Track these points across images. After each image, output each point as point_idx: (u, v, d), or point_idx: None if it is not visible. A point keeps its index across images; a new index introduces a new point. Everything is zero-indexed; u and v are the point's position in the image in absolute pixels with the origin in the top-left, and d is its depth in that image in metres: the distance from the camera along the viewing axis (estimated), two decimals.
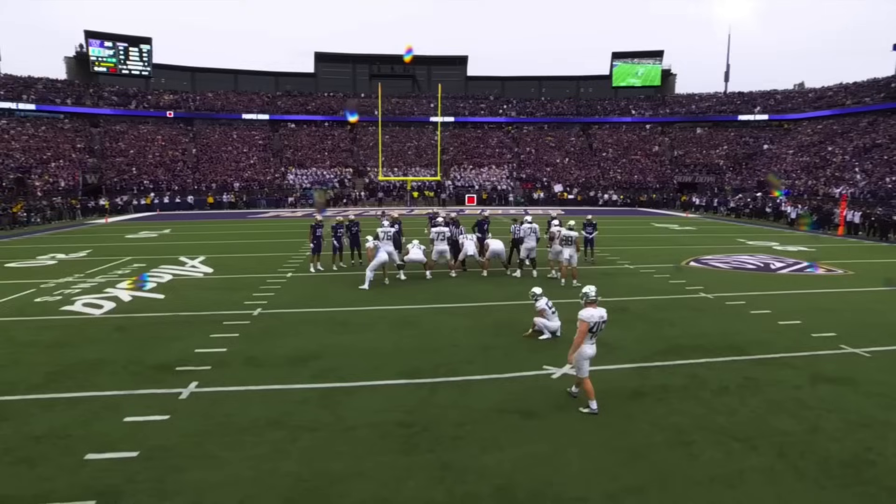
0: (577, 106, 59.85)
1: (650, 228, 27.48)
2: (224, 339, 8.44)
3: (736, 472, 4.77)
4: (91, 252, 18.33)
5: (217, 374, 7.01)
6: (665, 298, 11.47)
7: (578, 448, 5.16)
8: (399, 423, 5.64)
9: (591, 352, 5.97)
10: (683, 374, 7.13)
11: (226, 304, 10.75)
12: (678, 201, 43.64)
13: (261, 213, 37.66)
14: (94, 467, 4.88)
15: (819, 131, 45.86)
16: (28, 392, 6.54)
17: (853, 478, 4.73)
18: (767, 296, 11.73)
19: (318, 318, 9.85)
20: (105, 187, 41.53)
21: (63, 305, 10.83)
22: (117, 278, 13.57)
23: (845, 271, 14.95)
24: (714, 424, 5.67)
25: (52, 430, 5.56)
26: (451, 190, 47.26)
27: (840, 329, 9.12)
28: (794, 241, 22.19)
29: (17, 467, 4.92)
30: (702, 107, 56.35)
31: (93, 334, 8.90)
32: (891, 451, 5.19)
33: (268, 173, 47.15)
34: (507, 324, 9.41)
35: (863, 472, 4.83)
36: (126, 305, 10.84)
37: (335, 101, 57.87)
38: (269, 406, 6.05)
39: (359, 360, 7.55)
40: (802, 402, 6.24)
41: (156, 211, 39.34)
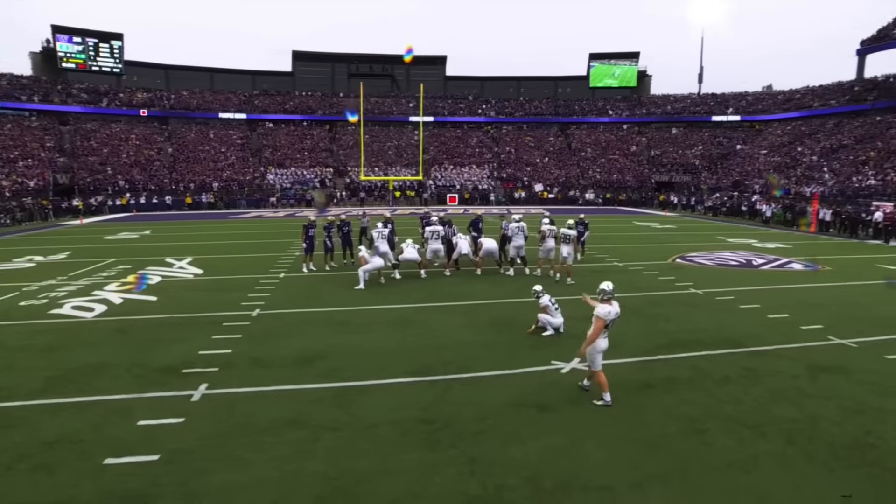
0: (555, 106, 60.50)
1: (632, 227, 27.98)
2: (227, 340, 8.36)
3: (750, 457, 4.96)
4: (71, 254, 17.87)
5: (226, 375, 6.96)
6: (658, 294, 11.73)
7: (597, 439, 5.29)
8: (419, 420, 5.69)
9: (604, 345, 6.12)
10: (686, 366, 7.34)
11: (222, 305, 10.63)
12: (656, 200, 44.49)
13: (242, 214, 37.12)
14: (115, 472, 4.82)
15: (788, 132, 47.31)
16: (30, 398, 6.39)
17: (858, 460, 4.97)
18: (754, 291, 12.11)
19: (318, 318, 9.82)
20: (77, 187, 40.41)
21: (51, 309, 10.57)
22: (104, 280, 13.28)
23: (823, 267, 15.50)
24: (723, 413, 5.86)
25: (63, 436, 5.45)
26: (433, 190, 47.31)
27: (826, 321, 9.49)
28: (771, 238, 22.88)
29: (34, 474, 4.82)
30: (677, 107, 57.57)
31: (88, 338, 8.71)
32: (889, 434, 5.46)
33: (247, 173, 46.51)
34: (508, 321, 9.52)
35: (866, 454, 5.07)
36: (118, 308, 10.63)
37: (313, 101, 57.37)
38: (284, 406, 6.04)
39: (366, 360, 7.56)
40: (802, 391, 6.50)
41: (132, 212, 38.45)
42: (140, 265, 15.29)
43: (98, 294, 11.79)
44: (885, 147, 35.99)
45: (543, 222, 13.85)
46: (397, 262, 13.28)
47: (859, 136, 40.01)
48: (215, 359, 7.54)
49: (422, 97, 45.44)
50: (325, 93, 59.75)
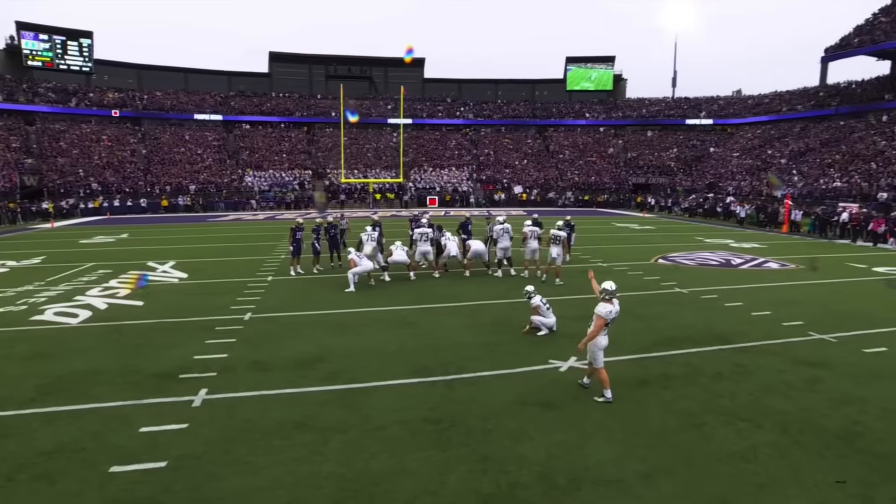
0: (532, 109, 61.12)
1: (612, 228, 28.48)
2: (222, 344, 8.29)
3: (749, 448, 5.18)
4: (46, 259, 17.41)
5: (225, 380, 6.91)
6: (645, 294, 12.02)
7: (603, 435, 5.44)
8: (426, 420, 5.76)
9: (604, 343, 6.29)
10: (680, 363, 7.58)
11: (212, 309, 10.52)
12: (633, 202, 45.32)
13: (220, 216, 36.57)
14: (122, 480, 4.77)
15: (759, 136, 48.72)
16: (22, 407, 6.25)
17: (848, 448, 5.24)
18: (736, 290, 12.49)
19: (313, 320, 9.80)
20: (47, 190, 39.26)
21: (32, 315, 10.30)
22: (85, 285, 12.99)
23: (797, 265, 16.05)
24: (719, 407, 6.09)
25: (62, 445, 5.35)
26: (413, 192, 47.32)
27: (805, 318, 9.88)
28: (746, 238, 23.57)
29: (35, 484, 4.73)
30: (651, 111, 58.75)
31: (75, 344, 8.54)
32: (873, 423, 5.76)
33: (224, 175, 45.80)
34: (502, 321, 9.66)
35: (854, 442, 5.34)
36: (103, 313, 10.42)
37: (291, 102, 56.85)
38: (289, 409, 6.04)
39: (366, 361, 7.59)
40: (790, 385, 6.78)
41: (105, 214, 37.52)
42: (122, 269, 14.99)
43: (81, 299, 11.53)
44: (848, 151, 37.37)
45: (526, 224, 14.03)
46: (386, 264, 13.31)
47: (824, 139, 41.47)
48: (212, 363, 7.48)
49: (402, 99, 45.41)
50: (303, 94, 59.25)
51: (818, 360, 7.67)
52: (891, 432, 5.54)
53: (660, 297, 11.81)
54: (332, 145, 52.72)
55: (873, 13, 43.32)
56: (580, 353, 6.60)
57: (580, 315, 9.95)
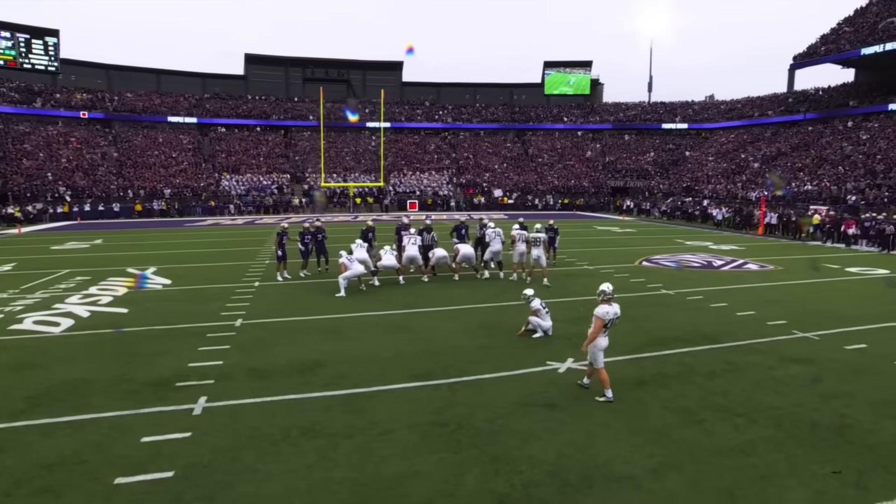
0: (511, 113, 61.73)
1: (594, 231, 28.97)
2: (215, 351, 8.23)
3: (747, 442, 5.41)
4: (17, 265, 16.92)
5: (224, 387, 6.87)
6: (633, 296, 12.30)
7: (609, 433, 5.61)
8: (433, 424, 5.84)
9: (604, 343, 6.47)
10: (673, 362, 7.82)
11: (200, 315, 10.40)
12: (612, 205, 46.10)
13: (198, 221, 36.01)
14: (130, 491, 4.73)
15: (732, 140, 50.11)
16: (14, 419, 6.11)
17: (839, 439, 5.52)
18: (719, 290, 12.89)
19: (306, 326, 9.79)
20: (11, 194, 38.07)
21: (10, 325, 10.04)
22: (63, 293, 12.70)
23: (776, 266, 16.61)
24: (715, 404, 6.32)
25: (63, 457, 5.26)
26: (393, 196, 47.31)
27: (788, 317, 10.28)
28: (724, 240, 24.25)
29: (38, 498, 4.65)
30: (629, 115, 59.90)
31: (61, 354, 8.36)
32: (861, 415, 6.07)
33: (200, 179, 45.06)
34: (495, 325, 9.79)
35: (845, 434, 5.63)
36: (87, 321, 10.22)
37: (268, 105, 56.35)
38: (293, 416, 6.05)
39: (365, 366, 7.64)
40: (779, 381, 7.07)
41: (76, 220, 36.55)
42: (101, 276, 14.69)
43: (60, 307, 11.28)
44: (817, 155, 38.75)
45: (514, 227, 14.29)
46: (376, 268, 13.35)
47: (794, 144, 42.92)
48: (209, 371, 7.43)
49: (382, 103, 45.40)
50: (280, 97, 58.80)
51: (804, 357, 8.01)
52: (878, 424, 5.84)
53: (647, 298, 12.11)
54: (309, 149, 52.39)
55: (838, 23, 45.01)
56: (582, 354, 6.77)
57: (573, 317, 10.20)
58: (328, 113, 56.06)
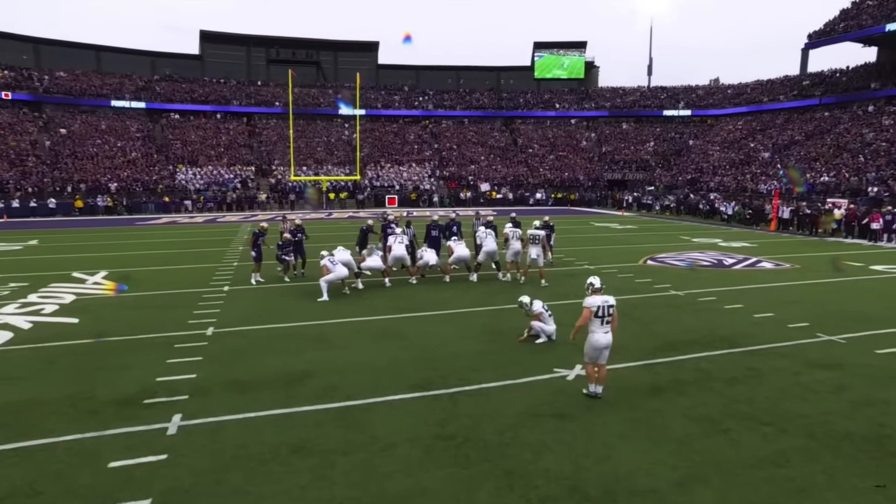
0: (498, 98, 62.07)
1: (592, 228, 29.31)
2: (186, 363, 8.18)
3: (778, 452, 5.58)
4: None
5: (200, 403, 6.83)
6: (640, 297, 12.55)
7: (627, 444, 5.74)
8: (437, 437, 5.91)
9: (604, 341, 6.68)
10: (690, 368, 8.01)
11: (164, 324, 10.30)
12: (610, 199, 46.64)
13: (151, 220, 35.58)
14: None
15: (740, 128, 51.07)
16: None
17: (878, 450, 5.68)
18: (733, 291, 13.19)
19: (287, 333, 9.80)
20: None
21: None
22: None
23: (792, 265, 17.02)
24: (739, 412, 6.50)
25: (14, 489, 5.03)
26: (370, 191, 47.23)
27: (810, 319, 10.57)
28: (734, 237, 24.76)
29: None
30: (626, 101, 60.69)
31: (5, 371, 8.14)
32: None
33: (152, 172, 44.44)
34: (494, 329, 9.91)
35: (884, 445, 5.80)
36: (29, 334, 9.91)
37: (228, 90, 55.85)
38: (282, 432, 6.06)
39: (358, 376, 7.68)
40: (806, 387, 7.29)
41: (2, 217, 35.67)
42: (41, 282, 14.40)
43: None
44: (834, 143, 39.54)
45: (507, 226, 14.47)
46: (359, 270, 13.39)
47: (809, 131, 43.79)
48: (181, 385, 7.38)
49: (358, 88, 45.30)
50: (241, 81, 58.35)
51: (831, 362, 8.24)
52: None
53: (656, 300, 12.35)
54: (276, 139, 52.09)
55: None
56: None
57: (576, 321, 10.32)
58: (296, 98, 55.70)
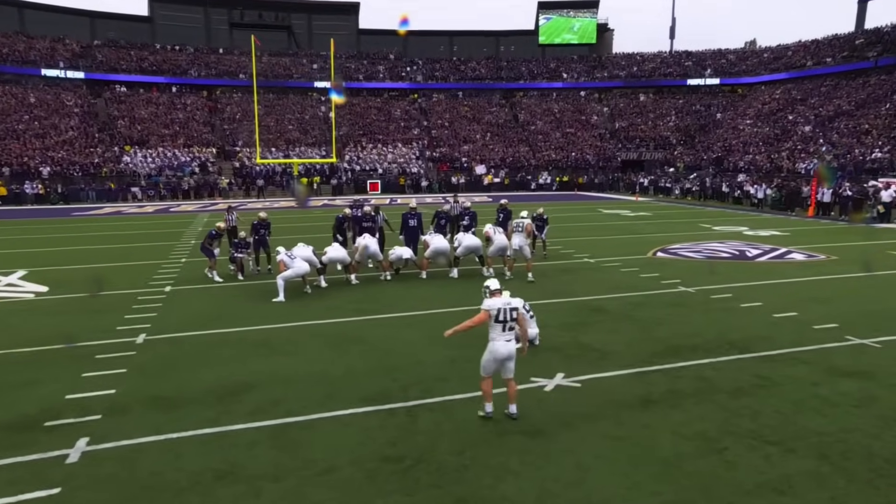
0: (497, 68, 61.93)
1: (599, 216, 29.29)
2: (106, 377, 8.06)
3: (781, 477, 5.49)
4: None
5: (115, 423, 6.70)
6: (642, 294, 12.52)
7: (604, 466, 5.66)
8: (385, 458, 5.84)
9: (505, 350, 6.59)
10: (690, 376, 7.94)
11: (88, 332, 10.17)
12: (623, 182, 46.63)
13: (92, 209, 35.46)
14: None
15: (777, 97, 50.86)
16: None
17: None
18: (753, 287, 13.15)
19: (231, 340, 9.74)
20: None
21: None
22: None
23: (828, 256, 16.99)
24: (741, 429, 6.43)
25: None
26: (350, 175, 47.10)
27: (840, 319, 10.50)
28: (764, 224, 24.75)
29: None
30: (645, 69, 60.56)
31: None
32: None
33: (93, 154, 44.16)
34: (469, 333, 9.67)
35: None
36: None
37: (184, 58, 55.56)
38: (207, 456, 5.97)
39: (306, 388, 7.63)
40: (826, 400, 7.21)
41: None
42: None
43: None
44: (891, 112, 38.87)
45: (487, 226, 14.60)
46: (322, 265, 13.40)
47: (860, 100, 43.35)
48: (94, 403, 7.25)
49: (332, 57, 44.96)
50: (200, 48, 58.08)
51: (860, 370, 8.15)
52: None
53: (661, 297, 12.31)
54: (241, 115, 51.90)
55: None
56: (576, 369, 6.85)
57: (566, 323, 10.32)
58: (265, 69, 55.51)
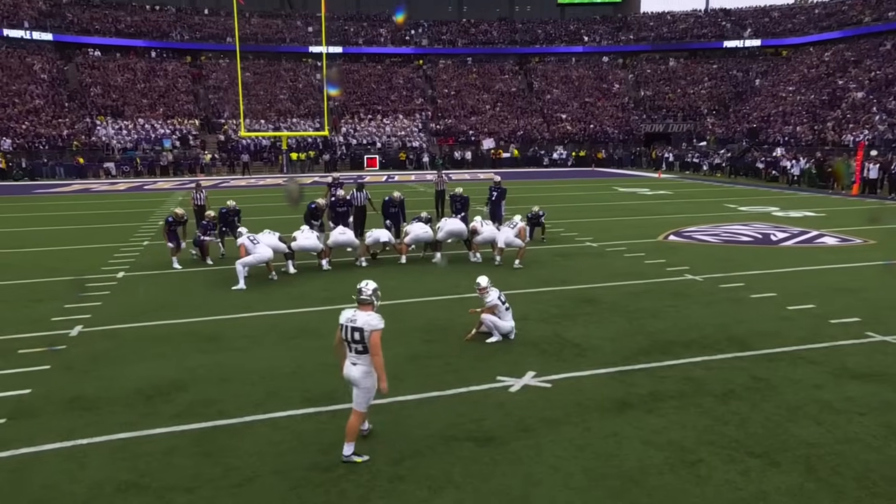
0: (511, 31, 61.28)
1: (614, 194, 29.04)
2: (23, 375, 7.98)
3: (757, 494, 5.29)
4: None
5: (19, 429, 6.57)
6: (642, 283, 12.35)
7: (558, 479, 5.50)
8: (314, 467, 5.73)
9: (345, 372, 5.96)
10: (676, 377, 7.75)
11: (17, 324, 10.16)
12: (647, 158, 46.14)
13: (56, 187, 35.68)
14: None
15: (828, 60, 49.48)
16: None
17: None
18: (770, 275, 12.91)
19: (176, 332, 9.74)
20: None
21: None
22: None
23: (864, 240, 16.65)
24: (723, 438, 6.23)
25: None
26: (344, 150, 46.97)
27: (864, 313, 10.23)
28: (798, 204, 24.41)
29: None
30: (676, 30, 59.67)
31: None
32: None
33: (61, 126, 44.26)
34: (442, 326, 9.81)
35: None
36: None
37: (164, 19, 55.44)
38: (114, 465, 5.87)
39: (246, 387, 7.56)
40: (827, 405, 6.97)
41: None
42: None
43: None
44: None
45: (476, 219, 14.92)
46: (290, 251, 13.43)
47: None
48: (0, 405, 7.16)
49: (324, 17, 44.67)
50: (183, 7, 57.94)
51: (874, 372, 7.90)
52: None
53: (661, 286, 12.15)
54: (228, 83, 51.79)
55: None
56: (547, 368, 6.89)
57: (550, 314, 10.21)
58: (255, 31, 55.37)
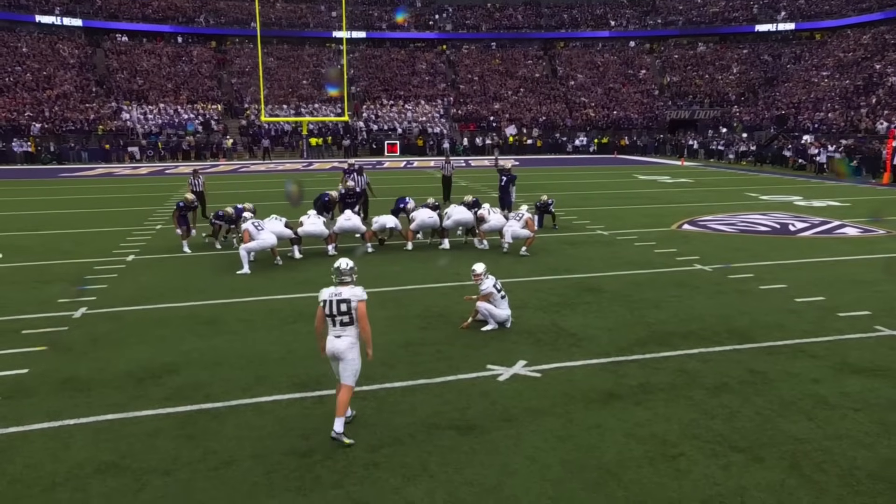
0: (536, 16, 60.71)
1: (633, 182, 28.77)
2: (22, 356, 8.12)
3: (735, 490, 5.17)
4: None
5: (11, 408, 6.67)
6: (649, 273, 12.25)
7: (534, 470, 5.46)
8: (292, 452, 5.75)
9: (330, 346, 6.22)
10: (670, 369, 7.65)
11: (25, 304, 10.36)
12: (672, 145, 45.54)
13: (82, 170, 36.09)
14: None
15: (866, 43, 48.06)
16: None
17: (888, 494, 5.15)
18: (782, 266, 12.70)
19: (176, 316, 9.85)
20: None
21: None
22: None
23: (888, 231, 16.30)
24: (708, 432, 6.12)
25: None
26: (365, 135, 47.00)
27: (876, 306, 10.01)
28: (823, 193, 23.96)
29: None
30: (706, 14, 58.60)
31: None
32: None
33: (89, 111, 44.89)
34: (439, 313, 9.83)
35: None
36: None
37: (190, 4, 55.73)
38: (98, 446, 5.93)
39: (236, 371, 7.63)
40: (822, 400, 6.83)
41: None
42: None
43: None
44: None
45: (485, 206, 14.84)
46: (296, 236, 13.50)
47: None
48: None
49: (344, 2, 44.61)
50: None
51: (876, 367, 7.72)
52: None
53: (669, 276, 12.02)
54: (251, 69, 52.05)
55: None
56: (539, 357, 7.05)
57: (549, 303, 10.15)
58: (280, 16, 55.49)
